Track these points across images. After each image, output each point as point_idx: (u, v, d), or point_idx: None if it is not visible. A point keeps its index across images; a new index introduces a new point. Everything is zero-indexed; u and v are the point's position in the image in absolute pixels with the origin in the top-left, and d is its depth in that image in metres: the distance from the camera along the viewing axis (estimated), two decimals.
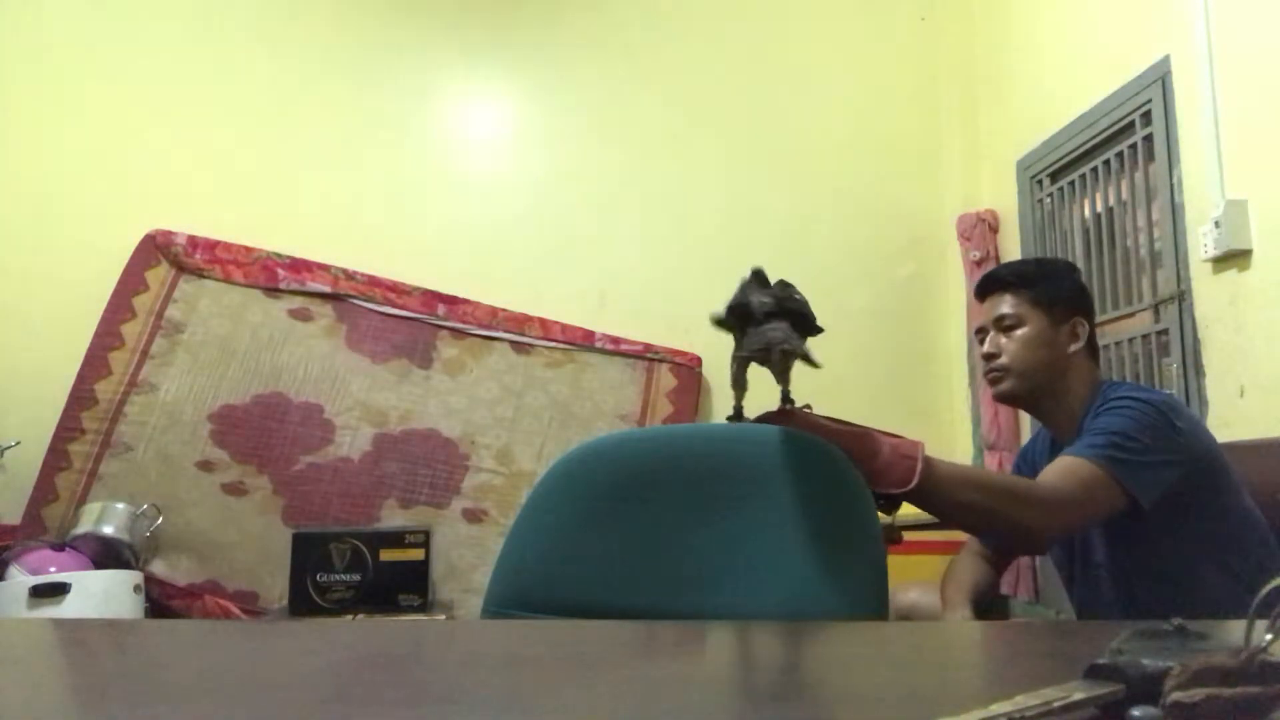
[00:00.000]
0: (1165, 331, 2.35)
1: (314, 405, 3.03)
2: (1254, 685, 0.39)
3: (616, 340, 3.27)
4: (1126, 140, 2.54)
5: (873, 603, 1.01)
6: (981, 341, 1.55)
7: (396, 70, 3.46)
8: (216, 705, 0.56)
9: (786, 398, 1.12)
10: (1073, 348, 1.48)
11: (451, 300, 3.24)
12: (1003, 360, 1.49)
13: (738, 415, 1.13)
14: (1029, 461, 1.61)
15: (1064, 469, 1.29)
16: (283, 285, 3.15)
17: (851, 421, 1.20)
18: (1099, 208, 2.74)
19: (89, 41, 3.30)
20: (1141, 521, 1.31)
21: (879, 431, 1.16)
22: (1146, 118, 2.42)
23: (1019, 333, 1.49)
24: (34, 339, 3.07)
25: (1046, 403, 1.51)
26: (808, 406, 1.13)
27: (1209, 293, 2.16)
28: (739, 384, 1.11)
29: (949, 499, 1.17)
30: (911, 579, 1.75)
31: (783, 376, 1.08)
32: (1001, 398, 1.54)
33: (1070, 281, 1.55)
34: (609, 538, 1.09)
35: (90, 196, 3.21)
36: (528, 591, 1.08)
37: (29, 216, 3.18)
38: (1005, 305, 1.51)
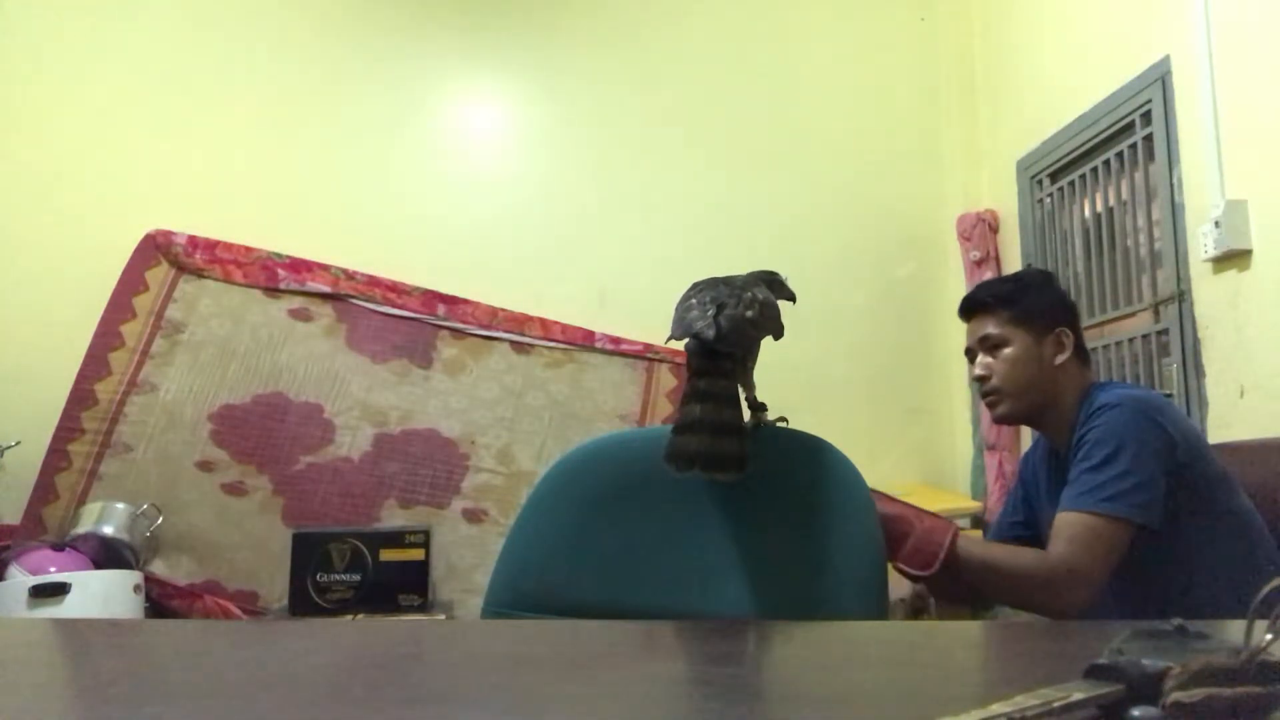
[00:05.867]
0: (1165, 331, 2.34)
1: (314, 405, 3.03)
2: (1254, 685, 0.39)
3: (616, 340, 3.27)
4: (1126, 140, 2.53)
5: (872, 603, 1.01)
6: (972, 362, 1.57)
7: (397, 70, 3.45)
8: (216, 705, 0.56)
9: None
10: (1059, 359, 1.49)
11: (451, 300, 3.24)
12: (994, 382, 1.51)
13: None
14: (1030, 467, 1.63)
15: (1068, 532, 1.30)
16: (283, 285, 3.14)
17: (894, 497, 1.27)
18: (1099, 208, 2.74)
19: (89, 41, 3.30)
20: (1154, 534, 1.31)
21: (916, 510, 1.18)
22: (1146, 118, 2.42)
23: (1005, 352, 1.50)
24: (34, 339, 3.07)
25: (1044, 416, 1.53)
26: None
27: (1209, 293, 2.16)
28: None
29: (972, 584, 1.19)
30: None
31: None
32: (1001, 420, 1.56)
33: (1049, 293, 1.56)
34: (609, 538, 1.09)
35: (90, 196, 3.21)
36: (528, 591, 1.08)
37: (29, 216, 3.17)
38: (988, 326, 1.53)
